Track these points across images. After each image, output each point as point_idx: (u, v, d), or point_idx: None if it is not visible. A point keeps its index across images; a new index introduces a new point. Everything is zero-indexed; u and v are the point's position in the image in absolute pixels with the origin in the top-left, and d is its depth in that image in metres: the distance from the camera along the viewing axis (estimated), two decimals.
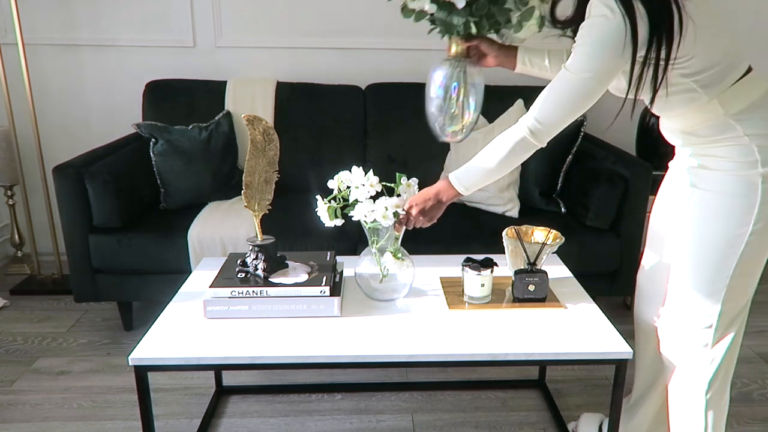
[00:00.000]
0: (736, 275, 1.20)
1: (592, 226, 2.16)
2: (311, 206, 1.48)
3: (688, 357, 1.28)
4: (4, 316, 2.36)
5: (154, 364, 1.23)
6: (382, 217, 1.34)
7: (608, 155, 2.24)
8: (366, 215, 1.36)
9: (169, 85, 2.54)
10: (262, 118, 1.39)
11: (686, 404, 1.32)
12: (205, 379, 1.92)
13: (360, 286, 1.47)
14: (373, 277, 1.44)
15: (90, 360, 2.06)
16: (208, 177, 2.31)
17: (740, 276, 1.21)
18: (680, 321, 1.28)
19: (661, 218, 1.41)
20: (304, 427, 1.72)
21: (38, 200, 2.68)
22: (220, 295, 1.36)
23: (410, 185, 1.42)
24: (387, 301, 1.45)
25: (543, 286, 1.44)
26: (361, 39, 2.69)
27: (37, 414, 1.77)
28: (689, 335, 1.27)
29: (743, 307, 1.27)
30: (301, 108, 2.55)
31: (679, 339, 1.29)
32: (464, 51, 1.39)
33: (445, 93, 1.39)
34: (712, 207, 1.20)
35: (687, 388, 1.31)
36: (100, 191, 2.02)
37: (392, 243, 1.43)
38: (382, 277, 1.43)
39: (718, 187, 1.19)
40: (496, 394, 1.88)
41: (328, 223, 1.42)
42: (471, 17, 1.29)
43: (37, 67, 2.64)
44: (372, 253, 1.44)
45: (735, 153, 1.17)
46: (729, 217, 1.18)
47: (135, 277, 2.12)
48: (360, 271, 1.46)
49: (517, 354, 1.25)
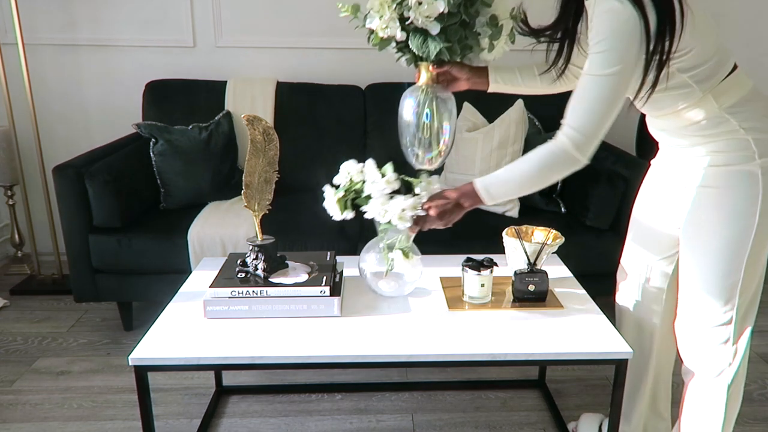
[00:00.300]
0: (747, 266, 1.22)
1: (592, 226, 2.16)
2: (311, 206, 1.47)
3: (710, 354, 1.29)
4: (4, 316, 2.36)
5: (154, 364, 1.23)
6: (398, 218, 1.28)
7: (608, 155, 2.24)
8: (380, 214, 1.29)
9: (169, 85, 2.54)
10: (262, 118, 1.39)
11: (708, 399, 1.32)
12: (205, 379, 1.92)
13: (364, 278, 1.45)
14: (377, 275, 1.44)
15: (90, 360, 2.06)
16: (208, 177, 2.31)
17: (751, 266, 1.22)
18: (700, 320, 1.28)
19: (647, 214, 1.42)
20: (304, 427, 1.72)
21: (38, 200, 2.68)
22: (220, 295, 1.36)
23: (431, 183, 1.36)
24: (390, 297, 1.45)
25: (543, 286, 1.44)
26: (361, 39, 2.66)
27: (37, 414, 1.77)
28: (710, 333, 1.27)
29: (755, 294, 1.27)
30: (301, 108, 2.55)
31: (700, 337, 1.29)
32: (434, 77, 1.37)
33: (417, 121, 1.37)
34: (719, 204, 1.21)
35: (710, 383, 1.31)
36: (100, 191, 2.02)
37: (402, 241, 1.39)
38: (387, 272, 1.42)
39: (721, 183, 1.20)
40: (496, 394, 1.88)
41: (337, 216, 1.36)
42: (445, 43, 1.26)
43: (37, 67, 2.64)
44: (380, 249, 1.41)
45: (732, 147, 1.18)
46: (736, 212, 1.19)
47: (135, 277, 2.12)
48: (364, 267, 1.44)
49: (517, 354, 1.25)
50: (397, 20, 1.26)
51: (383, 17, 1.26)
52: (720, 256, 1.22)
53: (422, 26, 1.25)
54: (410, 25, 1.26)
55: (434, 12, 1.23)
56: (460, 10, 1.25)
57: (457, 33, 1.28)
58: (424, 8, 1.23)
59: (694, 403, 1.35)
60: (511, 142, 2.26)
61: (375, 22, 1.28)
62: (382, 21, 1.27)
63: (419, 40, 1.27)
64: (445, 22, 1.25)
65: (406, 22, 1.26)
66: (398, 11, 1.25)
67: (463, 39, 1.29)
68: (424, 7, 1.23)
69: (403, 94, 1.40)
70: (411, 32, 1.27)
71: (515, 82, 1.42)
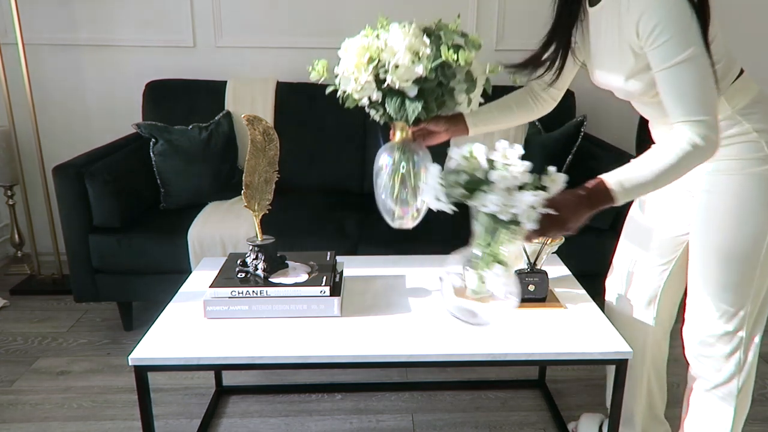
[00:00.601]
0: (759, 274, 1.20)
1: (592, 226, 2.15)
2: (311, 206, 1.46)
3: (718, 361, 1.27)
4: (4, 316, 2.36)
5: (154, 364, 1.23)
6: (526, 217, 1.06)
7: (608, 155, 2.24)
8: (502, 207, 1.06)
9: (169, 85, 2.54)
10: (262, 118, 1.39)
11: (716, 408, 1.31)
12: (205, 379, 1.92)
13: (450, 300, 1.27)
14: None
15: (90, 360, 2.06)
16: (208, 177, 2.31)
17: (763, 276, 1.21)
18: (708, 326, 1.26)
19: (648, 217, 1.40)
20: (304, 427, 1.72)
21: (38, 200, 2.68)
22: (220, 295, 1.36)
23: (555, 180, 1.13)
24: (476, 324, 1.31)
25: (543, 286, 1.44)
26: None
27: (37, 414, 1.77)
28: (719, 339, 1.25)
29: (765, 300, 1.25)
30: (301, 108, 2.55)
31: (707, 344, 1.27)
32: (411, 135, 1.34)
33: (393, 178, 1.34)
34: (731, 210, 1.18)
35: (718, 391, 1.30)
36: (100, 191, 2.02)
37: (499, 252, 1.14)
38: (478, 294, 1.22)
39: (732, 190, 1.17)
40: (496, 394, 1.88)
41: (436, 205, 1.16)
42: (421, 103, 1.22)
43: (37, 67, 2.64)
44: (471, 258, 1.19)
45: (744, 151, 1.15)
46: (748, 218, 1.17)
47: (135, 277, 2.12)
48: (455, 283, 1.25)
49: (517, 354, 1.24)
50: (373, 82, 1.22)
51: (359, 79, 1.22)
52: (731, 262, 1.20)
53: (399, 88, 1.22)
54: (386, 87, 1.22)
55: (412, 76, 1.20)
56: (437, 73, 1.21)
57: (434, 93, 1.24)
58: (401, 72, 1.19)
59: (699, 410, 1.34)
60: (511, 142, 2.26)
61: (350, 85, 1.24)
62: (357, 83, 1.23)
63: (396, 103, 1.23)
64: (422, 84, 1.21)
65: (383, 84, 1.22)
66: (374, 72, 1.21)
67: (440, 97, 1.26)
68: (401, 71, 1.19)
69: (378, 151, 1.37)
70: (387, 93, 1.23)
71: (493, 120, 1.40)
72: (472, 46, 1.23)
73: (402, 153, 1.33)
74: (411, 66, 1.19)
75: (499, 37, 2.66)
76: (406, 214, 1.37)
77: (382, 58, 1.21)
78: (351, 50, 1.23)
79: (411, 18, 1.31)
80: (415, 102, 1.21)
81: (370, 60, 1.21)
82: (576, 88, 2.67)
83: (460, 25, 1.26)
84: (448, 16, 1.31)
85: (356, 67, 1.22)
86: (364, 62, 1.21)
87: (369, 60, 1.21)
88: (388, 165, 1.34)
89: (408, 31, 1.21)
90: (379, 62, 1.21)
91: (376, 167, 1.37)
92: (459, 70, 1.23)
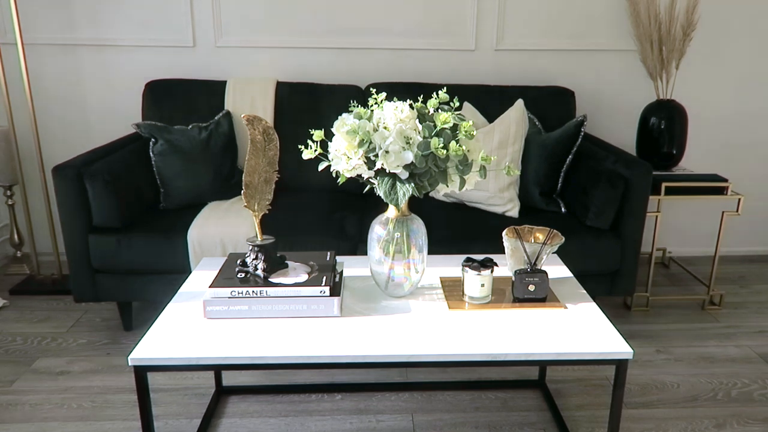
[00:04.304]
0: None
1: (592, 226, 2.16)
2: (311, 206, 1.47)
3: None
4: (4, 316, 2.36)
5: (153, 364, 1.23)
6: None
7: (608, 155, 2.24)
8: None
9: (169, 85, 2.54)
10: (262, 118, 1.39)
11: None
12: (205, 379, 1.92)
13: None
14: None
15: (90, 360, 2.06)
16: (208, 177, 2.31)
17: None
18: None
19: None
20: (304, 427, 1.72)
21: (38, 200, 2.68)
22: (220, 295, 1.36)
23: None
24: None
25: (543, 286, 1.44)
26: (361, 39, 2.69)
27: (37, 414, 1.77)
28: None
29: None
30: (301, 108, 2.55)
31: None
32: (404, 210, 1.38)
33: (388, 251, 1.38)
34: None
35: None
36: (99, 191, 2.02)
37: None
38: None
39: None
40: (496, 394, 1.88)
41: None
42: (416, 183, 1.26)
43: (37, 67, 2.64)
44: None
45: None
46: None
47: (135, 277, 2.12)
48: None
49: (517, 354, 1.24)
50: (365, 163, 1.26)
51: (351, 160, 1.26)
52: None
53: (391, 171, 1.25)
54: (378, 168, 1.26)
55: (402, 162, 1.22)
56: (428, 162, 1.23)
57: (427, 174, 1.27)
58: (391, 159, 1.22)
59: None
60: (511, 141, 2.26)
61: (341, 164, 1.28)
62: (348, 164, 1.26)
63: (387, 186, 1.26)
64: (412, 170, 1.24)
65: (374, 165, 1.25)
66: (365, 154, 1.25)
67: (433, 177, 1.28)
68: (391, 158, 1.22)
69: (372, 223, 1.41)
70: (378, 173, 1.27)
71: None
72: (466, 136, 1.25)
73: (395, 227, 1.38)
74: (401, 153, 1.21)
75: (499, 37, 2.67)
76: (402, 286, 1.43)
77: (373, 141, 1.23)
78: (342, 131, 1.26)
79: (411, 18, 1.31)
80: (405, 185, 1.25)
81: (361, 143, 1.23)
82: (576, 87, 2.67)
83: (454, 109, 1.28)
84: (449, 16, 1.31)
85: (347, 149, 1.25)
86: (355, 145, 1.24)
87: (360, 143, 1.23)
88: (384, 239, 1.39)
89: (401, 111, 1.23)
90: (371, 145, 1.24)
91: (369, 240, 1.41)
92: (453, 156, 1.25)
